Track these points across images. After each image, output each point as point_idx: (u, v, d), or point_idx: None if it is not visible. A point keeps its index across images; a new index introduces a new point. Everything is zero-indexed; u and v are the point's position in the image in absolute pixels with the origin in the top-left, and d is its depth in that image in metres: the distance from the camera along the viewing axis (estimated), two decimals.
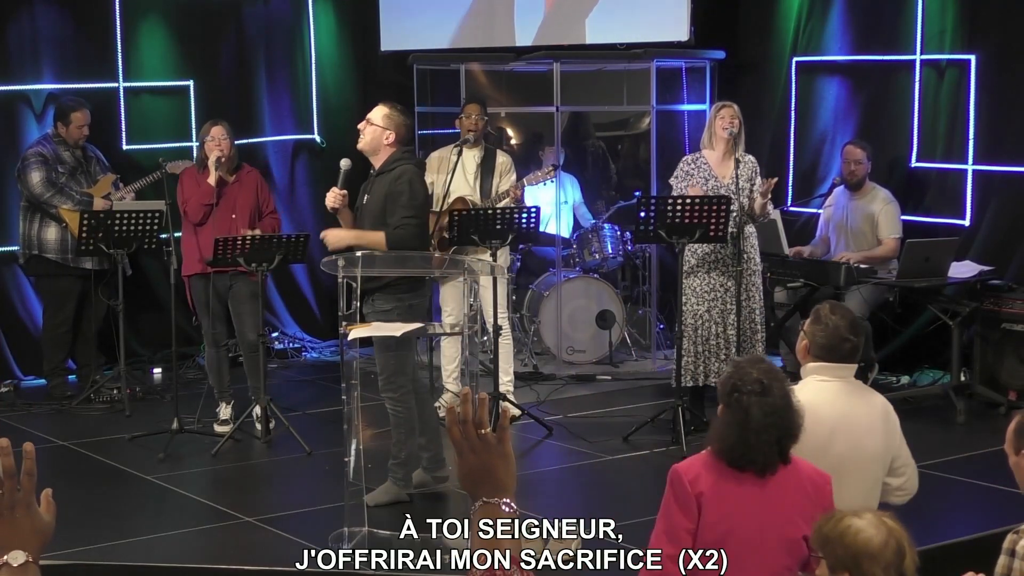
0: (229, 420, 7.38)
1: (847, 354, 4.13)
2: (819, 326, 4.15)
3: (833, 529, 2.68)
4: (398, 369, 5.92)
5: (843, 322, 4.13)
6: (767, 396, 3.46)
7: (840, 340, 4.10)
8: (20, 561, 1.90)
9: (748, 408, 3.45)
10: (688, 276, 7.26)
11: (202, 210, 7.31)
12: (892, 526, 2.63)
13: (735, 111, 7.33)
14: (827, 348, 4.12)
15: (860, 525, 2.63)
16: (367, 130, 6.00)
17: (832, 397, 4.13)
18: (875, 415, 4.18)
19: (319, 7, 10.04)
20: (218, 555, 5.53)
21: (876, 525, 2.62)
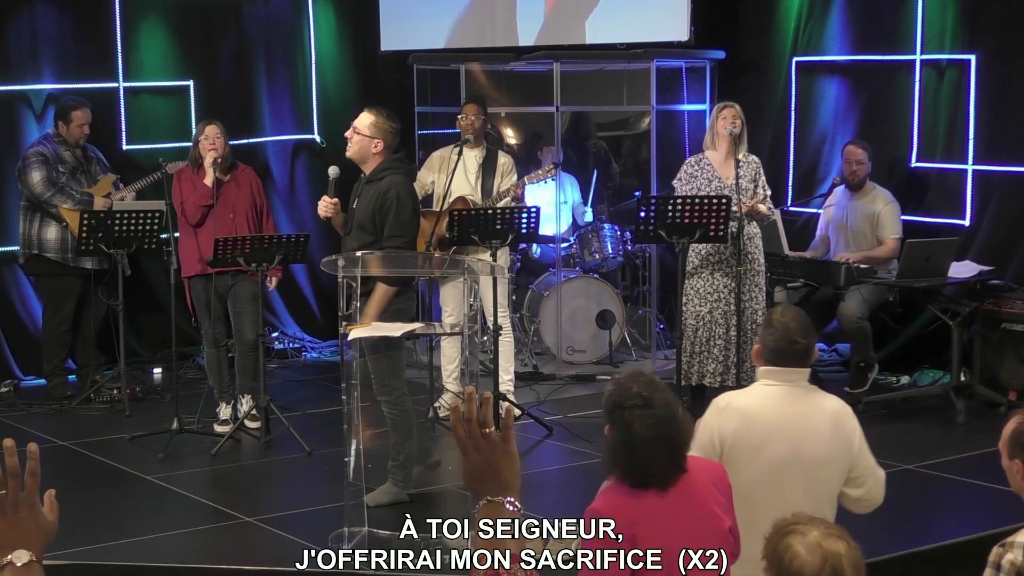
0: (229, 420, 7.38)
1: (797, 357, 4.06)
2: (769, 329, 4.10)
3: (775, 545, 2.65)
4: (391, 371, 5.91)
5: (793, 325, 4.07)
6: (649, 408, 3.37)
7: (789, 343, 4.04)
8: (24, 560, 1.91)
9: (631, 423, 3.37)
10: (690, 277, 7.27)
11: (200, 211, 7.31)
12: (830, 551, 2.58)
13: (737, 111, 7.33)
14: (776, 352, 4.06)
15: (797, 549, 2.59)
16: (354, 139, 5.94)
17: (775, 402, 4.06)
18: (820, 420, 4.08)
19: (319, 7, 10.04)
20: (218, 555, 5.53)
21: (813, 549, 2.58)
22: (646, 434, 3.35)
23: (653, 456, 3.36)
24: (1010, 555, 3.11)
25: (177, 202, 7.40)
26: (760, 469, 3.99)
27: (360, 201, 5.95)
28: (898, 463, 6.56)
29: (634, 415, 3.38)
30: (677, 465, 3.41)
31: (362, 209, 5.91)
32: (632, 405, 3.39)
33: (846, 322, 8.08)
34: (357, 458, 5.42)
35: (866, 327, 8.05)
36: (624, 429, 3.40)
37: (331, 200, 5.98)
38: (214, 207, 7.29)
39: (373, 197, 5.86)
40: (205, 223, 7.30)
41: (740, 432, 4.00)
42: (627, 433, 3.39)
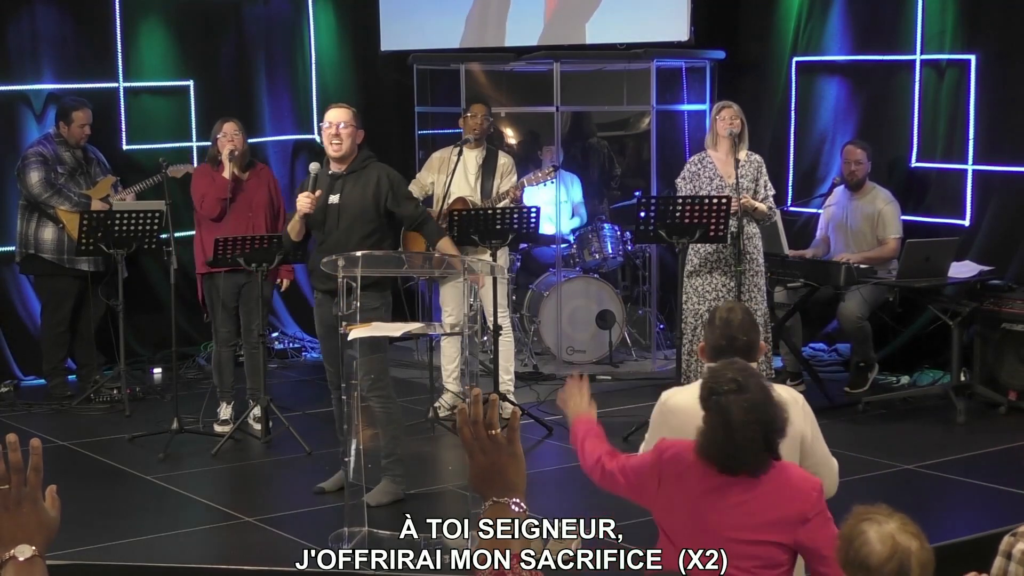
0: (229, 420, 7.39)
1: (740, 352, 4.02)
2: (711, 327, 4.14)
3: (850, 528, 2.67)
4: (382, 369, 5.98)
5: (736, 321, 4.09)
6: (744, 392, 3.41)
7: (730, 340, 4.06)
8: (27, 555, 1.92)
9: (727, 407, 3.41)
10: (690, 276, 7.27)
11: (219, 205, 7.34)
12: (902, 544, 2.59)
13: (736, 111, 7.33)
14: (718, 349, 4.07)
15: (870, 535, 2.61)
16: (346, 134, 5.95)
17: None
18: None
19: (319, 7, 10.04)
20: (218, 555, 5.53)
21: (884, 540, 2.59)
22: (743, 417, 3.39)
23: (748, 439, 3.40)
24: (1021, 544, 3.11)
25: (197, 197, 7.44)
26: None
27: (345, 195, 5.97)
28: (898, 463, 6.57)
29: (730, 400, 3.41)
30: (771, 450, 3.45)
31: (354, 200, 5.95)
32: (727, 390, 3.43)
33: (846, 322, 8.09)
34: (357, 458, 5.42)
35: (866, 327, 8.05)
36: (720, 413, 3.43)
37: (314, 195, 5.97)
38: (233, 201, 7.33)
39: (365, 186, 5.94)
40: (225, 219, 7.33)
41: (676, 429, 3.94)
42: (724, 417, 3.42)
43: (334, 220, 5.99)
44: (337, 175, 6.01)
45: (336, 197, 5.99)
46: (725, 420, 3.42)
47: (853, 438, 6.93)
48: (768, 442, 3.44)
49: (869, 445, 6.79)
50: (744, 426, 3.39)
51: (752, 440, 3.40)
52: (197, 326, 9.13)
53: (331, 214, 6.00)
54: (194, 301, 8.59)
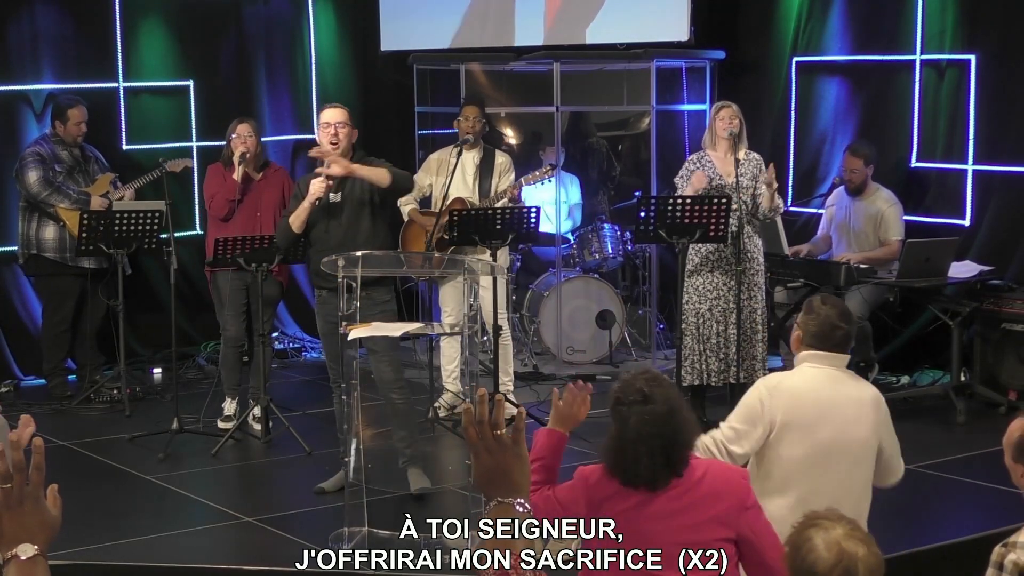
0: (233, 416, 7.39)
1: (839, 342, 4.22)
2: (811, 316, 4.26)
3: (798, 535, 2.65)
4: (400, 366, 6.19)
5: (834, 311, 4.24)
6: (647, 404, 3.35)
7: (831, 328, 4.20)
8: (29, 554, 1.93)
9: (627, 418, 3.36)
10: (691, 275, 7.27)
11: (227, 206, 7.36)
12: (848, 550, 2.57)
13: (734, 111, 7.33)
14: (819, 336, 4.21)
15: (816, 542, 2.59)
16: (343, 133, 6.04)
17: (821, 384, 4.22)
18: (865, 402, 4.25)
19: (319, 7, 10.04)
20: (218, 555, 5.53)
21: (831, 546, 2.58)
22: (639, 429, 3.33)
23: (643, 454, 3.33)
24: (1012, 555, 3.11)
25: (208, 196, 7.50)
26: (807, 450, 4.13)
27: (346, 192, 6.06)
28: None
29: (632, 411, 3.36)
30: (671, 467, 3.36)
31: (355, 197, 6.05)
32: (632, 401, 3.38)
33: None
34: (357, 458, 5.42)
35: (866, 327, 8.05)
36: (620, 423, 3.39)
37: (325, 180, 6.00)
38: (241, 203, 7.34)
39: (362, 182, 6.04)
40: (234, 219, 7.35)
41: (791, 412, 4.13)
42: (622, 427, 3.38)
43: (337, 217, 6.05)
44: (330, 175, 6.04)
45: (337, 195, 6.04)
46: (623, 431, 3.37)
47: None
48: (668, 456, 3.35)
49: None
50: (639, 438, 3.33)
51: (647, 453, 3.33)
52: (197, 326, 9.14)
53: (333, 211, 6.05)
54: (194, 301, 8.62)
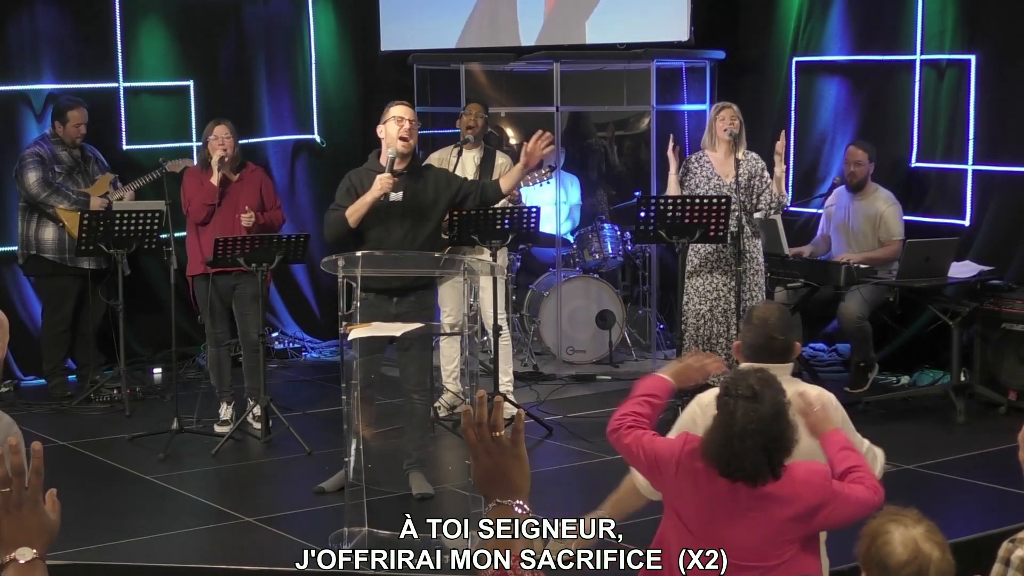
0: (229, 420, 7.38)
1: (777, 353, 4.02)
2: (748, 326, 4.10)
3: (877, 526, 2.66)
4: (428, 368, 6.25)
5: (773, 321, 4.05)
6: (755, 402, 3.39)
7: (768, 339, 4.01)
8: (28, 558, 1.93)
9: (734, 412, 3.40)
10: (691, 276, 7.27)
11: (205, 210, 7.31)
12: (924, 550, 2.57)
13: (735, 111, 7.33)
14: (756, 348, 4.03)
15: (894, 536, 2.59)
16: (416, 129, 6.11)
17: None
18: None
19: (319, 7, 10.04)
20: (218, 555, 5.53)
21: (907, 543, 2.58)
22: (745, 426, 3.38)
23: (747, 448, 3.38)
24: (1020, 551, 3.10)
25: (185, 201, 7.41)
26: None
27: (409, 194, 6.03)
28: (898, 463, 6.56)
29: (739, 405, 3.40)
30: (771, 468, 3.42)
31: (419, 199, 6.06)
32: (740, 395, 3.42)
33: (846, 322, 8.08)
34: (357, 458, 5.42)
35: (866, 327, 8.05)
36: (726, 415, 3.43)
37: (393, 179, 6.00)
38: (218, 206, 7.30)
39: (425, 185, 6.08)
40: (211, 223, 7.30)
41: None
42: (728, 419, 3.42)
43: (397, 219, 6.02)
44: (397, 173, 6.03)
45: (398, 195, 6.01)
46: (728, 423, 3.41)
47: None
48: (769, 457, 3.41)
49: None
50: (744, 434, 3.38)
51: (750, 450, 3.38)
52: (197, 326, 9.09)
53: (392, 212, 6.02)
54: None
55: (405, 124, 6.02)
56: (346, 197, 6.06)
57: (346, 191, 6.09)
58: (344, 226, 6.01)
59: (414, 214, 6.03)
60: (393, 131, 6.03)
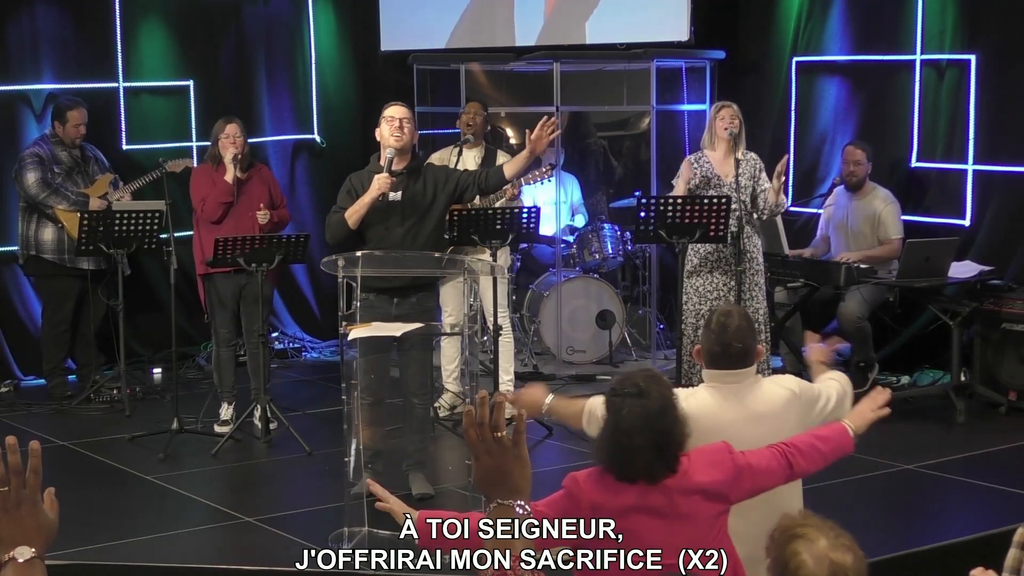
0: (230, 420, 7.38)
1: (736, 358, 3.98)
2: (707, 331, 4.04)
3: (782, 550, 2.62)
4: (430, 370, 6.22)
5: (732, 327, 3.99)
6: (641, 398, 3.37)
7: (724, 347, 3.97)
8: (26, 557, 1.93)
9: (620, 410, 3.38)
10: (690, 276, 7.27)
11: (220, 208, 7.32)
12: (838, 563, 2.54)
13: (735, 111, 7.33)
14: (713, 355, 4.00)
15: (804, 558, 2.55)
16: (408, 128, 6.08)
17: (718, 406, 3.98)
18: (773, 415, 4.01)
19: (319, 7, 10.04)
20: (218, 555, 5.53)
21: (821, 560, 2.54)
22: (632, 423, 3.35)
23: (636, 446, 3.34)
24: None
25: (198, 199, 7.41)
26: None
27: (407, 193, 6.04)
28: (898, 463, 6.57)
29: (625, 403, 3.38)
30: (665, 462, 3.38)
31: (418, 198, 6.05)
32: (626, 393, 3.40)
33: (846, 322, 8.08)
34: (357, 458, 5.42)
35: (866, 327, 8.05)
36: (614, 415, 3.41)
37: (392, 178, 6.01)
38: (235, 204, 7.31)
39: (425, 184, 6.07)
40: (225, 220, 7.32)
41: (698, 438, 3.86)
42: (615, 418, 3.40)
43: (397, 218, 6.03)
44: (396, 173, 6.04)
45: (397, 194, 6.02)
46: (616, 421, 3.39)
47: None
48: (661, 451, 3.37)
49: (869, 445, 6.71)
50: (632, 431, 3.35)
51: (640, 447, 3.35)
52: (197, 326, 9.13)
53: (392, 211, 6.03)
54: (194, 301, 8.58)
55: (396, 123, 6.03)
56: (347, 199, 6.08)
57: (347, 193, 6.11)
58: (344, 227, 6.02)
59: (414, 213, 6.03)
60: (386, 132, 6.06)
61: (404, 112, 6.11)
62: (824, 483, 5.87)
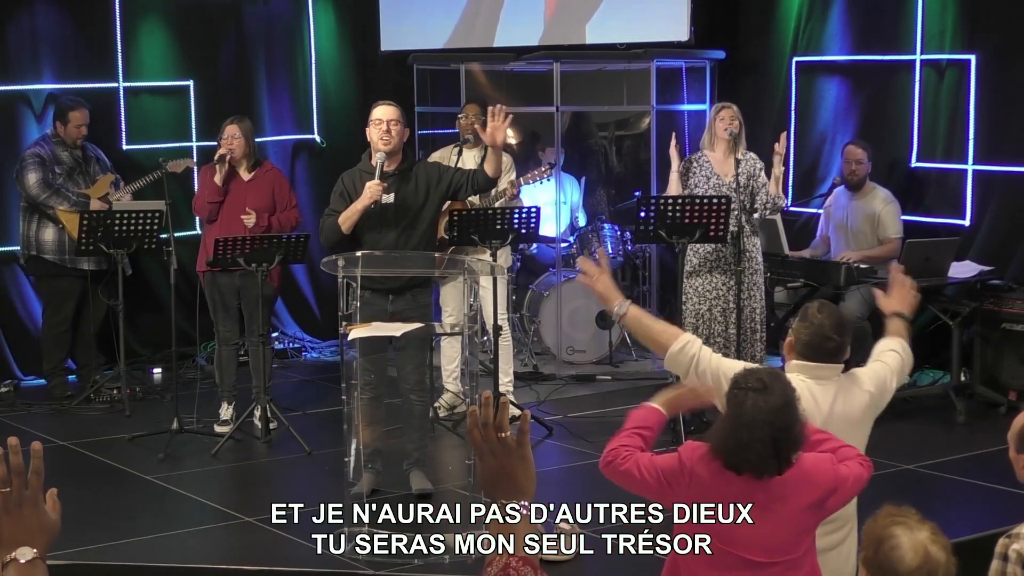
0: (230, 420, 7.38)
1: (830, 353, 4.05)
2: (804, 323, 4.09)
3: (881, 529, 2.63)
4: (426, 367, 6.19)
5: (828, 321, 4.06)
6: (764, 393, 3.40)
7: (823, 339, 4.03)
8: (28, 557, 1.93)
9: (743, 403, 3.40)
10: (690, 276, 7.27)
11: (207, 208, 7.33)
12: (933, 555, 2.54)
13: (735, 112, 7.33)
14: (810, 346, 4.05)
15: (902, 541, 2.57)
16: (396, 130, 6.05)
17: (805, 397, 3.95)
18: (853, 416, 4.09)
19: (319, 7, 10.04)
20: (218, 555, 5.54)
21: (916, 548, 2.55)
22: (754, 416, 3.37)
23: (755, 440, 3.37)
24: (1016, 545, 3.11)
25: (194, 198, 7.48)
26: None
27: (400, 195, 6.04)
28: (898, 463, 6.57)
29: (748, 395, 3.41)
30: (779, 459, 3.41)
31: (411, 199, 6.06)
32: (749, 387, 3.42)
33: None
34: (357, 458, 5.43)
35: (866, 327, 8.03)
36: (735, 407, 3.43)
37: (383, 185, 6.01)
38: (229, 205, 7.34)
39: (417, 184, 6.07)
40: (218, 220, 7.33)
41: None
42: (736, 411, 3.42)
43: (390, 220, 6.02)
44: (388, 175, 6.03)
45: (390, 197, 6.02)
46: (738, 414, 3.41)
47: None
48: (777, 448, 3.40)
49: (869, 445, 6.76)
50: (753, 424, 3.38)
51: (758, 441, 3.37)
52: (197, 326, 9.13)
53: (386, 214, 6.03)
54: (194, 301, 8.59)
55: (383, 126, 6.02)
56: (339, 202, 6.11)
57: (339, 196, 6.14)
58: (338, 233, 6.07)
59: (406, 215, 6.05)
60: (374, 135, 6.08)
61: (391, 114, 6.08)
62: None
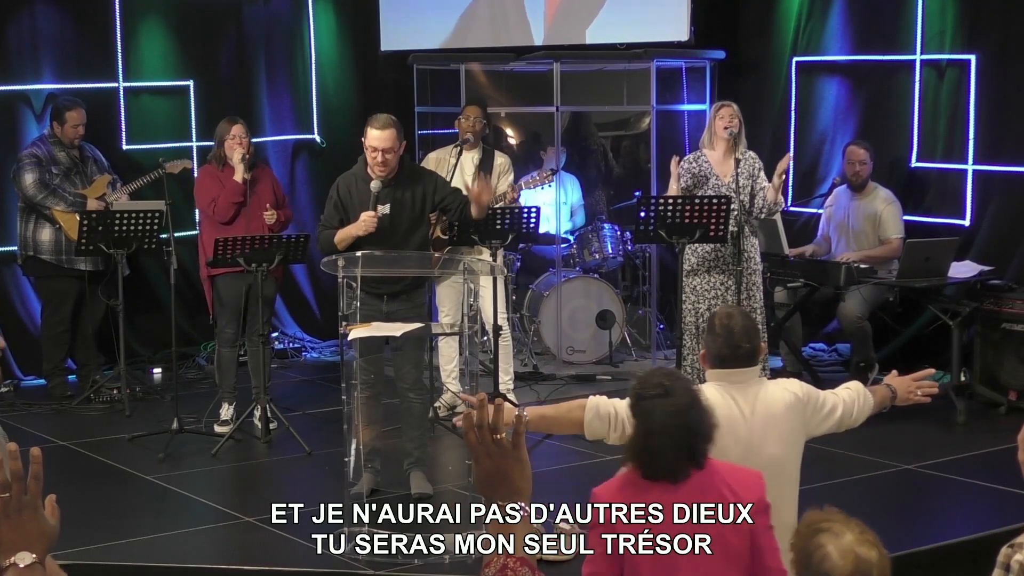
0: (230, 420, 7.38)
1: (745, 358, 4.02)
2: (712, 335, 4.07)
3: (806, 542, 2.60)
4: (423, 367, 6.21)
5: (738, 328, 4.02)
6: (668, 397, 3.38)
7: (733, 348, 4.00)
8: (27, 562, 1.94)
9: (650, 412, 3.38)
10: (689, 275, 7.27)
11: (232, 208, 7.34)
12: (863, 556, 2.53)
13: (734, 111, 7.33)
14: (721, 357, 4.03)
15: (829, 550, 2.54)
16: (390, 157, 5.99)
17: (724, 404, 3.97)
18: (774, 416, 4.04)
19: (319, 7, 10.04)
20: (218, 555, 5.54)
21: (845, 554, 2.54)
22: (664, 422, 3.36)
23: (668, 445, 3.35)
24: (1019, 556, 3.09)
25: (207, 201, 7.42)
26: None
27: (395, 204, 6.04)
28: (898, 463, 6.57)
29: (654, 404, 3.39)
30: (693, 459, 3.39)
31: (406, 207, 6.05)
32: (652, 395, 3.41)
33: (846, 322, 8.09)
34: (357, 458, 5.43)
35: (866, 327, 8.05)
36: (643, 418, 3.41)
37: (377, 214, 6.02)
38: (246, 204, 7.33)
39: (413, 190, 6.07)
40: (237, 220, 7.33)
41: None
42: (646, 421, 3.40)
43: (387, 229, 6.04)
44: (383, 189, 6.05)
45: (386, 207, 6.04)
46: (647, 424, 3.39)
47: (853, 438, 6.86)
48: (691, 448, 3.38)
49: (869, 445, 6.78)
50: (664, 430, 3.36)
51: (671, 445, 3.35)
52: (197, 326, 9.13)
53: (382, 226, 6.04)
54: (194, 301, 8.61)
55: (378, 156, 5.97)
56: (333, 212, 6.12)
57: (333, 206, 6.15)
58: (334, 249, 6.09)
59: (402, 225, 6.06)
60: (369, 160, 6.05)
61: (386, 141, 5.96)
62: (824, 483, 5.88)
